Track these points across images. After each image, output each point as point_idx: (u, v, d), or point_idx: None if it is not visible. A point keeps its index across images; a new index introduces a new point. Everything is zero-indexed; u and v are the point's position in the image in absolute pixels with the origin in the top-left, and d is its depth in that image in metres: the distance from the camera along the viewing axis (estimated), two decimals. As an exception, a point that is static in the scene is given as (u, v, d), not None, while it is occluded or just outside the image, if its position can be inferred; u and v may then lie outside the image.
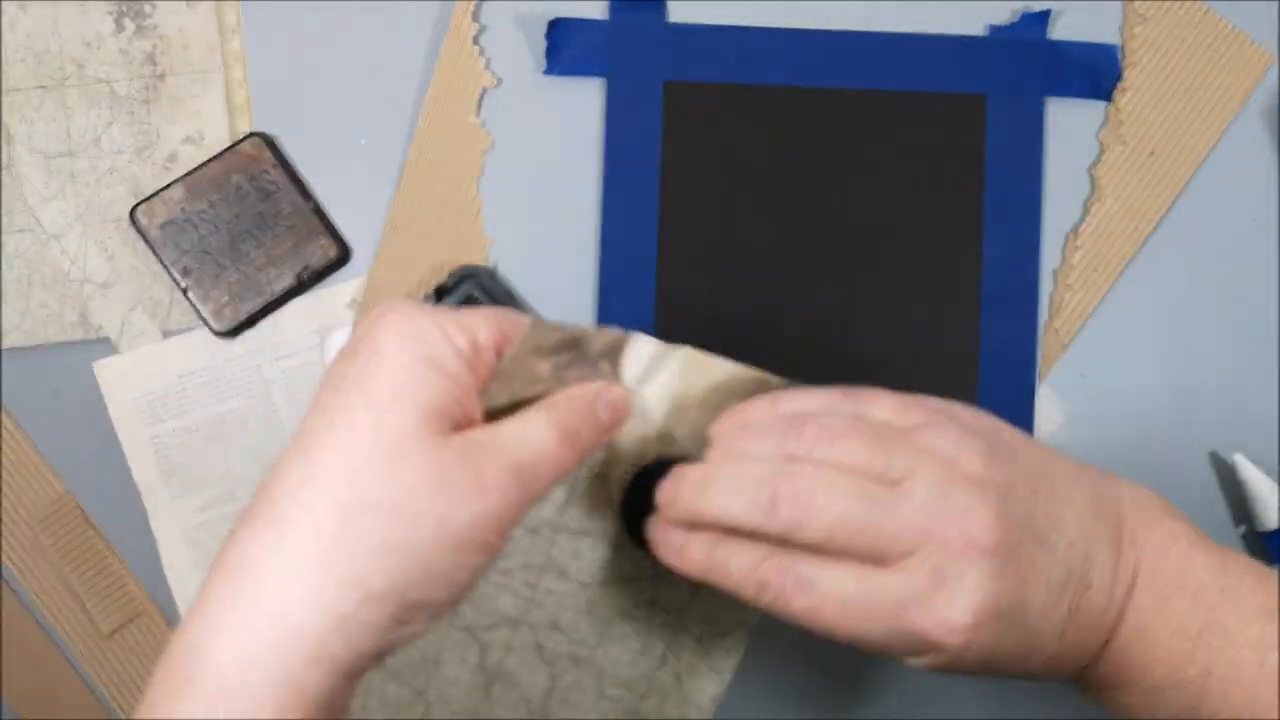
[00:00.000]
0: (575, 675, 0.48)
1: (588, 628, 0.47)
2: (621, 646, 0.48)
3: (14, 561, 0.59)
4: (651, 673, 0.49)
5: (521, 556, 0.46)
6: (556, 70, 0.60)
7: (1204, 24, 0.60)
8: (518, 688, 0.48)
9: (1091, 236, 0.60)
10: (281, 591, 0.34)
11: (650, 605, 0.48)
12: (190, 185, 0.59)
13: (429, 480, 0.35)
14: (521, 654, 0.47)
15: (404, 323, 0.37)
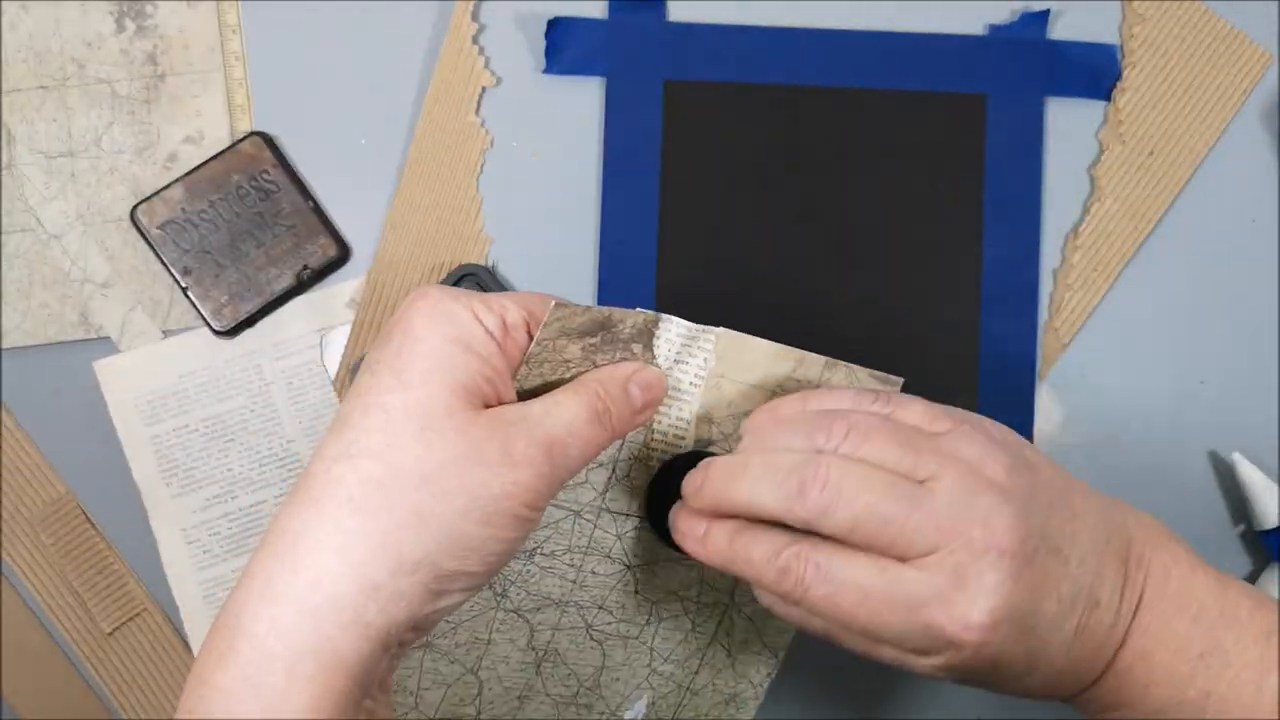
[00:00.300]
0: (625, 653, 0.49)
1: (635, 608, 0.49)
2: (671, 625, 0.49)
3: (15, 561, 0.60)
4: (703, 649, 0.50)
5: (566, 540, 0.47)
6: (556, 69, 0.60)
7: (1203, 24, 0.60)
8: (567, 665, 0.49)
9: (1091, 236, 0.60)
10: (318, 562, 0.36)
11: (699, 584, 0.49)
12: (190, 185, 0.59)
13: (460, 453, 0.37)
14: (570, 634, 0.49)
15: (434, 306, 0.39)
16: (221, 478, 0.60)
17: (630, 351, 0.44)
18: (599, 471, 0.46)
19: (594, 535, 0.47)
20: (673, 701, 0.51)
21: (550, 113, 0.61)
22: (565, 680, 0.50)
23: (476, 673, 0.48)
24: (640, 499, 0.47)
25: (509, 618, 0.48)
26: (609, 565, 0.48)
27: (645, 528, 0.47)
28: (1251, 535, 0.60)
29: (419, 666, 0.48)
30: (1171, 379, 0.61)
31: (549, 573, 0.47)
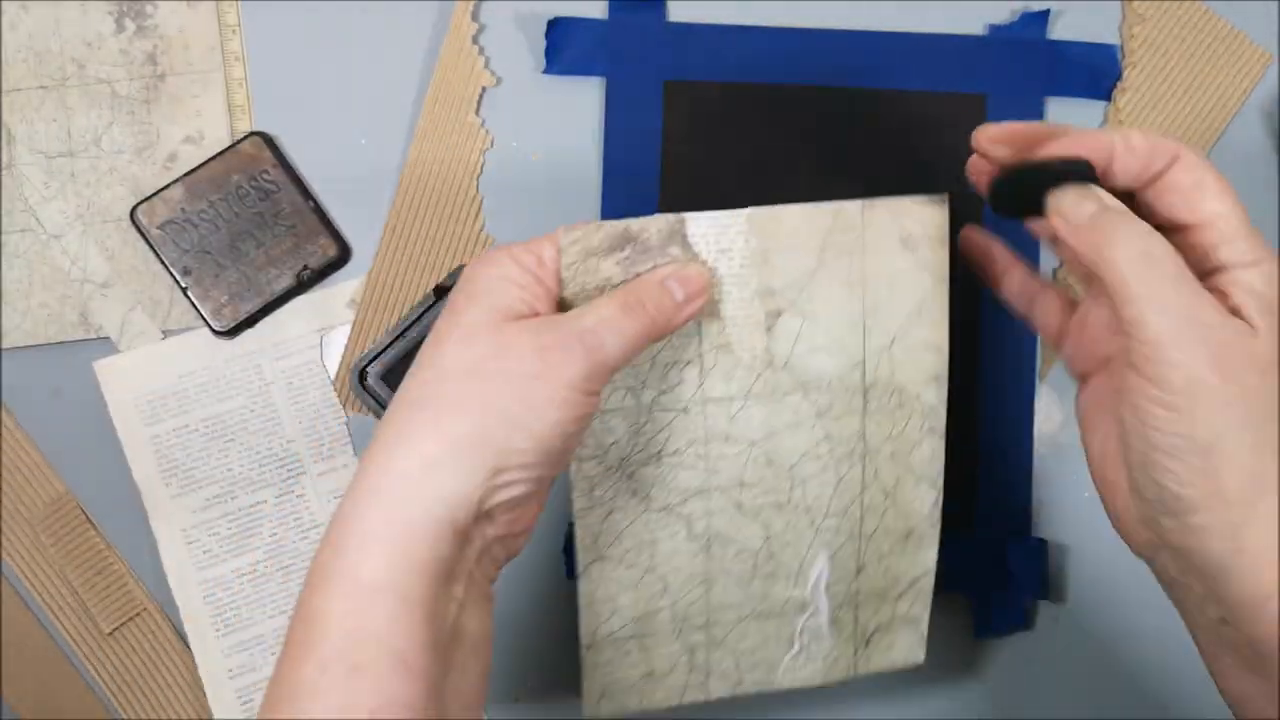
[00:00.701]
0: (784, 519, 0.52)
1: (774, 477, 0.51)
2: (816, 483, 0.51)
3: (15, 561, 0.60)
4: (857, 496, 0.52)
5: (683, 435, 0.50)
6: (556, 69, 0.60)
7: (1203, 24, 0.60)
8: (735, 543, 0.51)
9: (1091, 236, 0.60)
10: (381, 451, 0.41)
11: (826, 440, 0.51)
12: (190, 185, 0.59)
13: (496, 347, 0.42)
14: (724, 515, 0.51)
15: (483, 260, 0.44)
16: (221, 478, 0.60)
17: (669, 255, 0.47)
18: (690, 369, 0.49)
19: (706, 425, 0.50)
20: (851, 550, 0.53)
21: (550, 113, 0.61)
22: (739, 558, 0.52)
23: (654, 570, 0.51)
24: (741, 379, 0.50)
25: (660, 517, 0.50)
26: (732, 446, 0.50)
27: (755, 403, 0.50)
28: (1252, 535, 0.60)
29: (601, 577, 0.51)
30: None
31: (679, 467, 0.50)
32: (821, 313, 0.50)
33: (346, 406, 0.60)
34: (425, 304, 0.59)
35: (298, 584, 0.59)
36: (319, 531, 0.60)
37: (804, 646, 0.54)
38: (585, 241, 0.45)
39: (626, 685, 0.53)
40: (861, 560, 0.53)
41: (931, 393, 0.52)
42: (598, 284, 0.46)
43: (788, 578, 0.53)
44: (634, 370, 0.49)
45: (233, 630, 0.59)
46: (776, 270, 0.49)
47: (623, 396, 0.49)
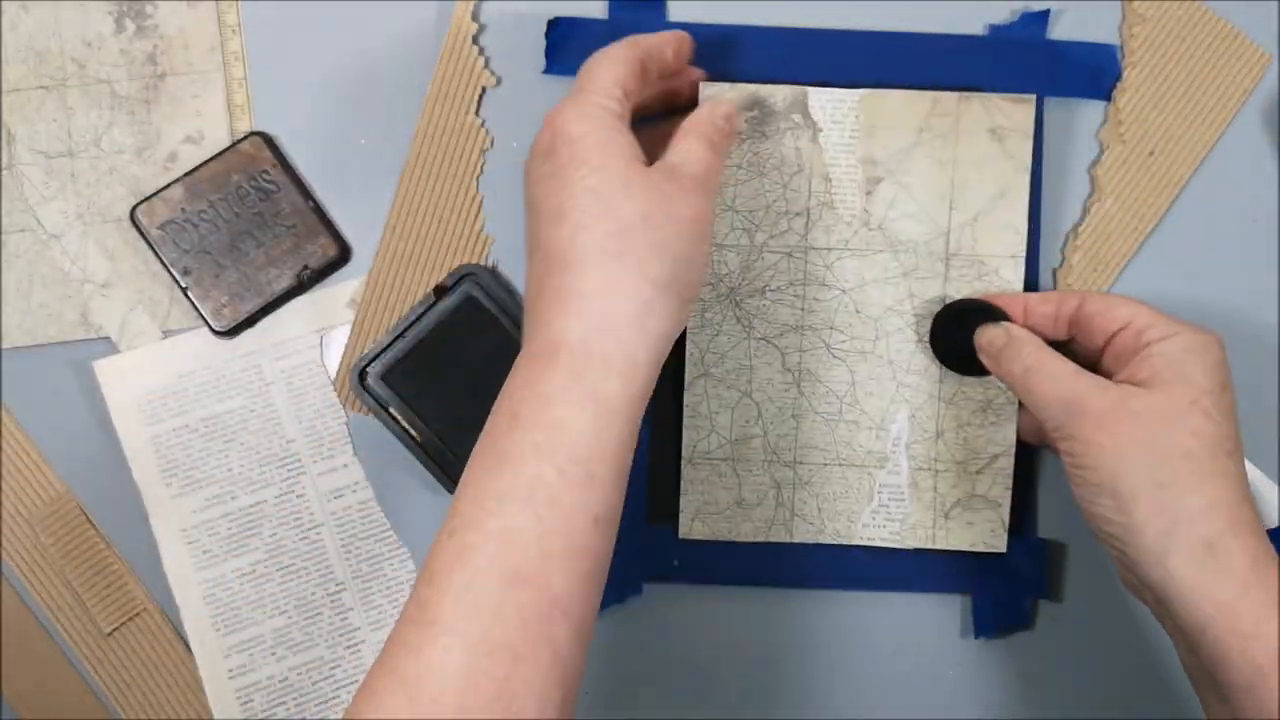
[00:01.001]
0: (867, 367, 0.58)
1: (861, 326, 0.58)
2: (899, 338, 0.58)
3: (14, 561, 0.60)
4: (936, 359, 0.58)
5: (786, 276, 0.58)
6: (556, 69, 0.60)
7: (1203, 24, 0.60)
8: (822, 382, 0.58)
9: (1091, 236, 0.60)
10: (602, 294, 0.45)
11: (910, 298, 0.58)
12: (190, 185, 0.59)
13: (657, 197, 0.47)
14: (814, 354, 0.58)
15: (576, 111, 0.48)
16: (221, 478, 0.60)
17: (792, 120, 0.57)
18: (798, 219, 0.57)
19: (806, 269, 0.57)
20: (930, 413, 0.58)
21: (550, 113, 0.61)
22: (826, 398, 0.58)
23: (750, 395, 0.58)
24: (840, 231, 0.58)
25: (760, 345, 0.58)
26: (826, 291, 0.58)
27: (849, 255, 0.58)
28: (1252, 535, 0.60)
29: (705, 393, 0.57)
30: (1171, 379, 0.60)
31: (779, 304, 0.57)
32: (915, 184, 0.58)
33: (346, 406, 0.60)
34: (425, 304, 0.59)
35: (298, 584, 0.59)
36: (319, 532, 0.60)
37: (884, 504, 0.58)
38: (721, 97, 0.56)
39: (718, 509, 0.58)
40: (940, 425, 0.58)
41: (1009, 269, 0.58)
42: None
43: (870, 428, 0.58)
44: (750, 213, 0.57)
45: (233, 630, 0.59)
46: (879, 143, 0.57)
47: (739, 235, 0.57)
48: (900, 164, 0.57)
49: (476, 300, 0.59)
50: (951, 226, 0.58)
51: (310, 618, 0.60)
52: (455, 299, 0.59)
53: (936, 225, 0.58)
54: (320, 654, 0.60)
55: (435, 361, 0.59)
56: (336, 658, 0.60)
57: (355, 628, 0.60)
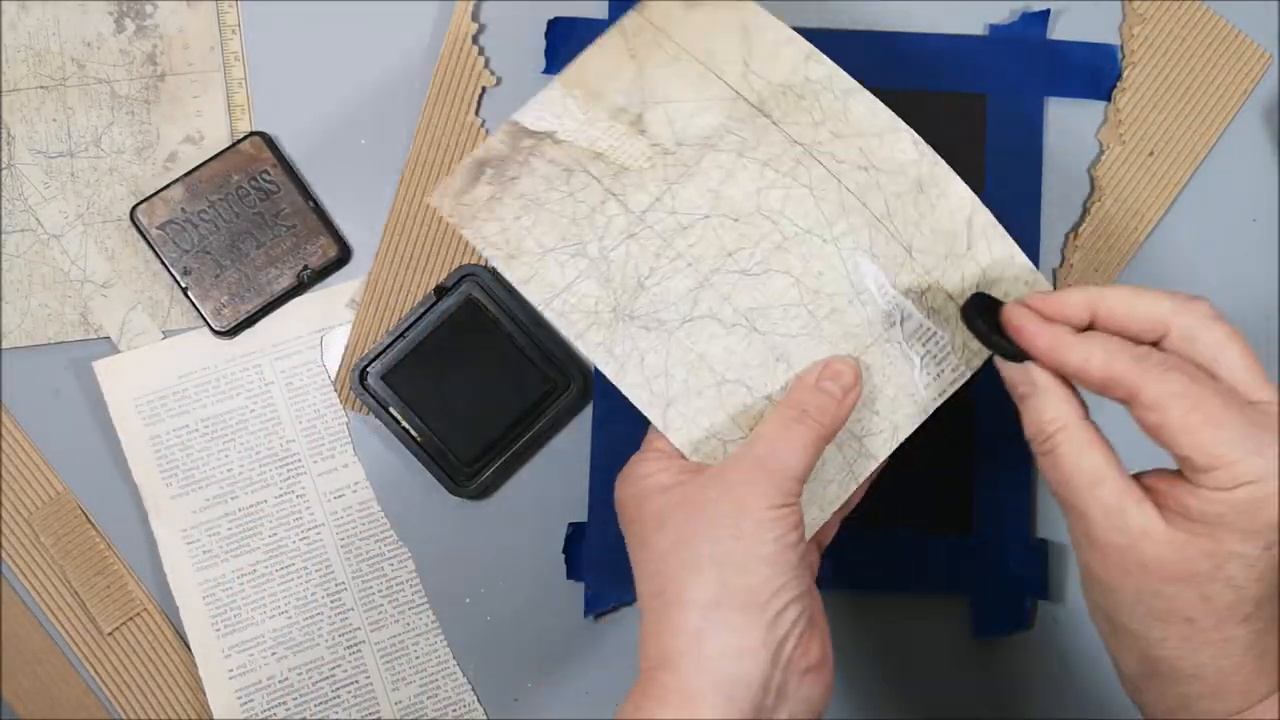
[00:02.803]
0: (795, 254, 0.50)
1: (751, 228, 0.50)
2: (794, 205, 0.50)
3: (14, 561, 0.60)
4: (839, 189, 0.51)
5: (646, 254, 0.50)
6: (556, 69, 0.60)
7: (1203, 24, 0.60)
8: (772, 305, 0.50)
9: (1091, 236, 0.60)
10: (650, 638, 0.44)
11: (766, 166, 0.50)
12: (190, 185, 0.59)
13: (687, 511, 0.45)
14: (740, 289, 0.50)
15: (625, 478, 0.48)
16: (221, 478, 0.60)
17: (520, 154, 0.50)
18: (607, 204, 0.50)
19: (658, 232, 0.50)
20: (883, 238, 0.51)
21: (550, 113, 0.61)
22: (789, 315, 0.50)
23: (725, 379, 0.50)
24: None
25: (687, 329, 0.50)
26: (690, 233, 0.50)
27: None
28: (1252, 535, 0.60)
29: (682, 423, 0.49)
30: (1172, 379, 0.61)
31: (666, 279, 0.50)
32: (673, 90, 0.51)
33: (346, 407, 0.60)
34: (425, 304, 0.59)
35: (298, 584, 0.59)
36: (319, 532, 0.60)
37: (925, 354, 0.51)
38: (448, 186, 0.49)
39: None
40: (904, 240, 0.51)
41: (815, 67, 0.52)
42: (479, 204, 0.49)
43: (850, 301, 0.50)
44: (564, 240, 0.49)
45: (233, 630, 0.59)
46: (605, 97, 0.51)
47: (576, 263, 0.49)
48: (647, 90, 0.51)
49: (476, 300, 0.59)
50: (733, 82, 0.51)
51: (310, 618, 0.60)
52: (455, 299, 0.59)
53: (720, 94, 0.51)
54: (320, 654, 0.60)
55: (435, 361, 0.59)
56: (336, 658, 0.60)
57: (355, 628, 0.60)
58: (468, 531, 0.60)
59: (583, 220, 0.50)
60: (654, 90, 0.51)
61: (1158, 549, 0.41)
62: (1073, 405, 0.45)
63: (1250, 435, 0.40)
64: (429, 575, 0.60)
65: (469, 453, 0.59)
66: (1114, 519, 0.42)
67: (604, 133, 0.51)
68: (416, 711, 0.59)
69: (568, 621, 0.60)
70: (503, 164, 0.50)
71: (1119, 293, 0.44)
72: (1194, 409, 0.41)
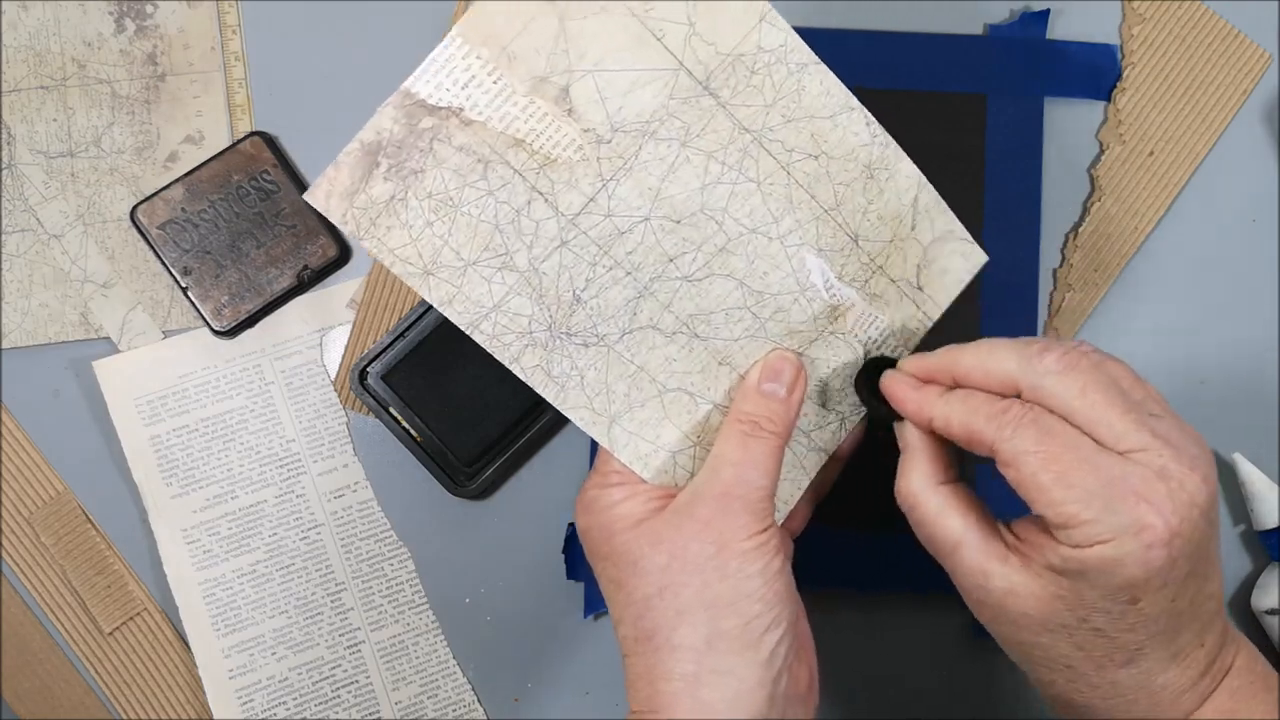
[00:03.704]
0: (741, 255, 0.47)
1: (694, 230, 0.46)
2: (738, 202, 0.47)
3: (14, 560, 0.60)
4: (788, 181, 0.47)
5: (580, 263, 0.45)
6: (556, 70, 0.60)
7: (1203, 24, 0.60)
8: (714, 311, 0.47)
9: (1091, 236, 0.60)
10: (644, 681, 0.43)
11: (710, 159, 0.46)
12: (190, 185, 0.59)
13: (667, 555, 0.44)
14: (681, 296, 0.47)
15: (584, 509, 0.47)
16: (221, 478, 0.60)
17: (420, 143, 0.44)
18: (534, 206, 0.44)
19: (592, 236, 0.45)
20: (830, 229, 0.48)
21: (550, 113, 0.61)
22: (732, 319, 0.47)
23: (666, 388, 0.47)
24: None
25: (626, 342, 0.46)
26: (631, 236, 0.46)
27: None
28: (1251, 535, 0.60)
29: (626, 439, 0.46)
30: (1171, 379, 0.61)
31: (603, 291, 0.46)
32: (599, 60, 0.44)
33: (346, 406, 0.60)
34: (425, 304, 0.59)
35: (298, 584, 0.59)
36: (319, 532, 0.60)
37: (867, 341, 0.50)
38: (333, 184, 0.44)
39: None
40: (850, 229, 0.48)
41: (771, 34, 0.46)
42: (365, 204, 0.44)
43: (795, 299, 0.48)
44: (484, 247, 0.44)
45: (233, 630, 0.59)
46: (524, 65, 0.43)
47: (504, 278, 0.44)
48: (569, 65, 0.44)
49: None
50: (679, 52, 0.45)
51: (310, 618, 0.60)
52: (455, 299, 0.59)
53: (661, 65, 0.45)
54: (320, 654, 0.60)
55: (435, 361, 0.59)
56: (336, 658, 0.60)
57: (355, 628, 0.60)
58: (468, 531, 0.60)
59: (507, 226, 0.44)
60: (581, 52, 0.43)
61: (1024, 604, 0.42)
62: (937, 467, 0.45)
63: (1104, 492, 0.39)
64: (429, 575, 0.60)
65: (469, 453, 0.59)
66: (977, 579, 0.43)
67: (522, 112, 0.43)
68: (416, 711, 0.59)
69: (568, 621, 0.60)
70: (400, 152, 0.43)
71: (973, 351, 0.44)
72: (1045, 466, 0.40)
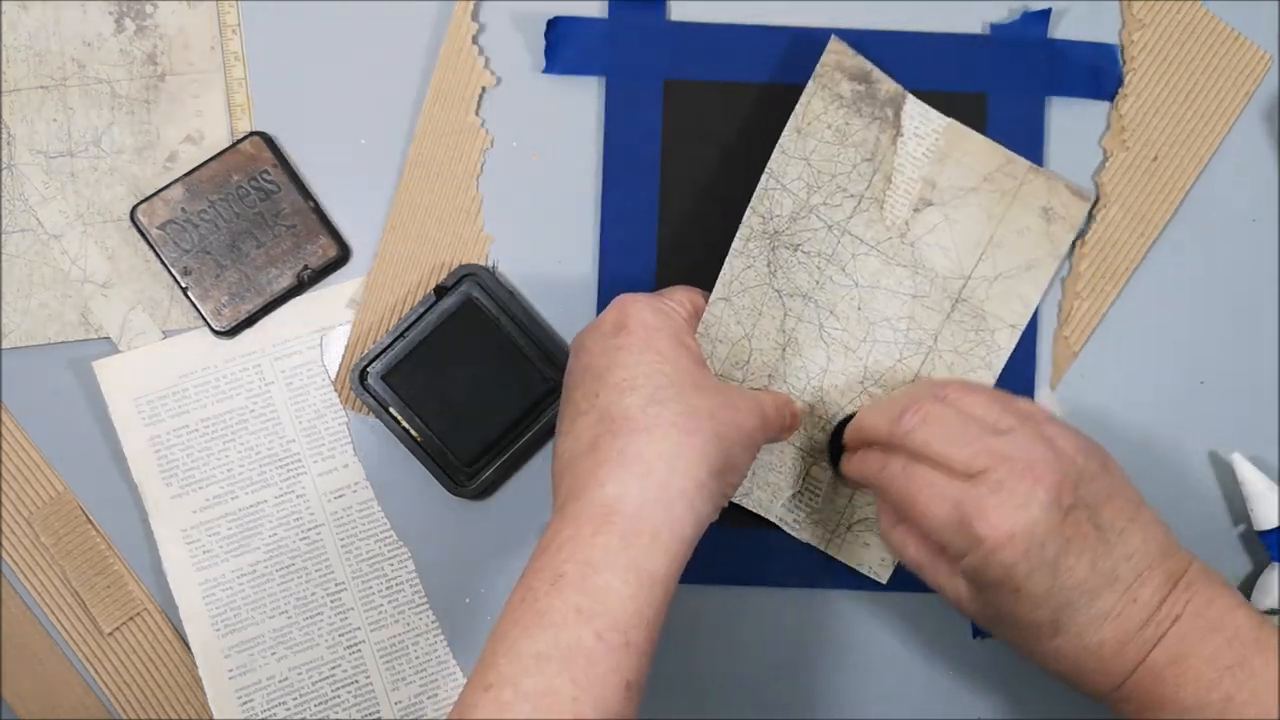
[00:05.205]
0: (844, 363, 0.59)
1: (856, 323, 0.59)
2: (884, 350, 0.59)
3: (14, 561, 0.60)
4: (906, 381, 0.59)
5: (817, 245, 0.58)
6: (556, 69, 0.60)
7: (1203, 27, 0.60)
8: (802, 358, 0.59)
9: (1098, 244, 0.60)
10: (663, 466, 0.47)
11: (909, 320, 0.59)
12: (190, 185, 0.59)
13: (724, 400, 0.50)
14: (808, 329, 0.58)
15: (652, 306, 0.52)
16: (221, 478, 0.60)
17: (885, 113, 0.58)
18: (850, 200, 0.58)
19: (836, 248, 0.58)
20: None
21: (550, 113, 0.61)
22: (798, 374, 0.58)
23: (750, 340, 0.57)
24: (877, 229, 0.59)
25: (773, 296, 0.58)
26: (843, 276, 0.59)
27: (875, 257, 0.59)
28: (1251, 535, 0.60)
29: (716, 317, 0.56)
30: (1172, 379, 0.61)
31: (803, 267, 0.58)
32: (960, 222, 0.59)
33: (346, 406, 0.60)
34: (425, 304, 0.59)
35: (298, 584, 0.59)
36: (319, 532, 0.60)
37: (803, 493, 0.59)
38: (841, 59, 0.58)
39: None
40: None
41: (1005, 336, 0.59)
42: (831, 94, 0.57)
43: (821, 420, 0.59)
44: (818, 173, 0.58)
45: (233, 630, 0.59)
46: (945, 172, 0.59)
47: (800, 187, 0.57)
48: (954, 198, 0.59)
49: (476, 300, 0.59)
50: (973, 274, 0.59)
51: (310, 618, 0.60)
52: (455, 299, 0.59)
53: (961, 266, 0.59)
54: (320, 654, 0.60)
55: (435, 361, 0.59)
56: (336, 658, 0.60)
57: (355, 628, 0.60)
58: (468, 531, 0.60)
59: (833, 184, 0.58)
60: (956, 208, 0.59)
61: (970, 607, 0.50)
62: (884, 512, 0.53)
63: (954, 515, 0.48)
64: (429, 575, 0.60)
65: (469, 453, 0.59)
66: (942, 592, 0.51)
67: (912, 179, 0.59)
68: (416, 711, 0.59)
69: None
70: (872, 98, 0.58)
71: (864, 416, 0.53)
72: (914, 504, 0.49)
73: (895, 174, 0.59)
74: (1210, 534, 0.60)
